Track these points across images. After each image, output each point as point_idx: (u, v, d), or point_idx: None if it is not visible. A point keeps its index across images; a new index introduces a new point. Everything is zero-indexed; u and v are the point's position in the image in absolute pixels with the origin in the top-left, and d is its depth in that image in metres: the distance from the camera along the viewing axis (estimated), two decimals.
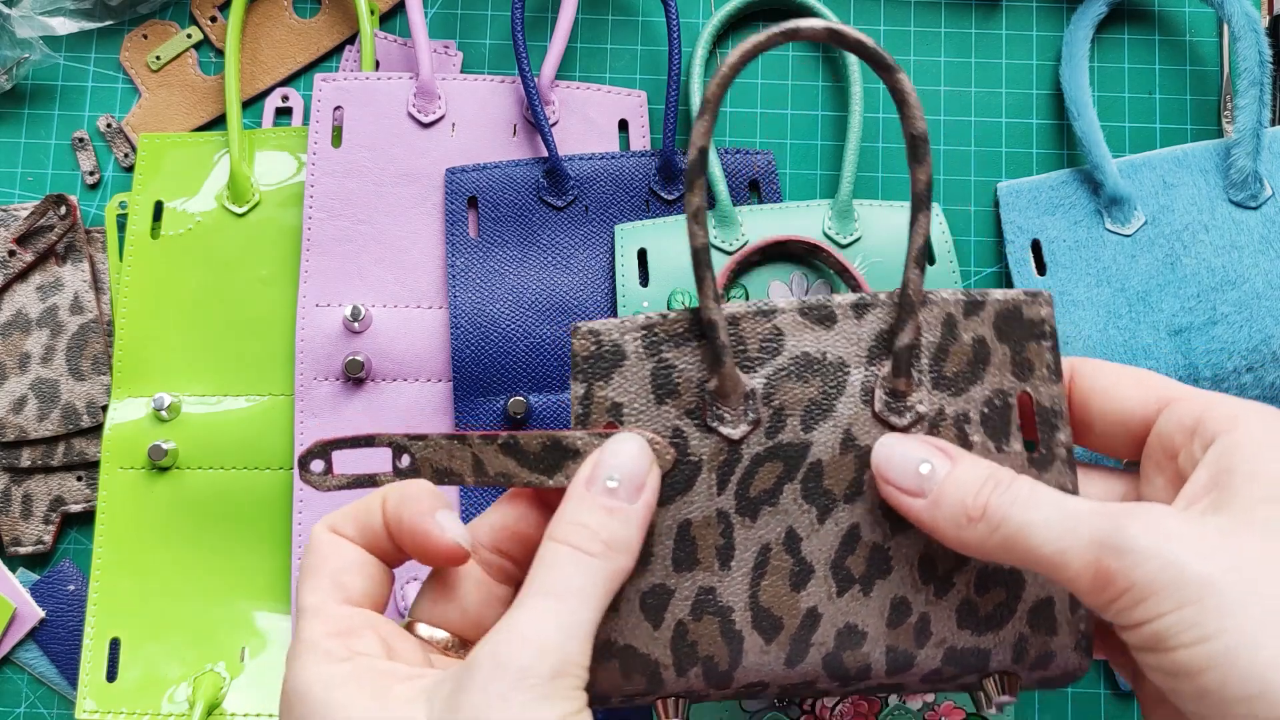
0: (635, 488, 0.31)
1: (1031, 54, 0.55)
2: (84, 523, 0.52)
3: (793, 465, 0.33)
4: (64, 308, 0.52)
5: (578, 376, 0.33)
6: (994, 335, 0.33)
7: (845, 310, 0.33)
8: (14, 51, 0.54)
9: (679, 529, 0.32)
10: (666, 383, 0.33)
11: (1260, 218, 0.50)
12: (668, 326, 0.33)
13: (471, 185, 0.52)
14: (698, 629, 0.32)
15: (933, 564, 0.33)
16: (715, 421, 0.33)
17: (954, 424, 0.33)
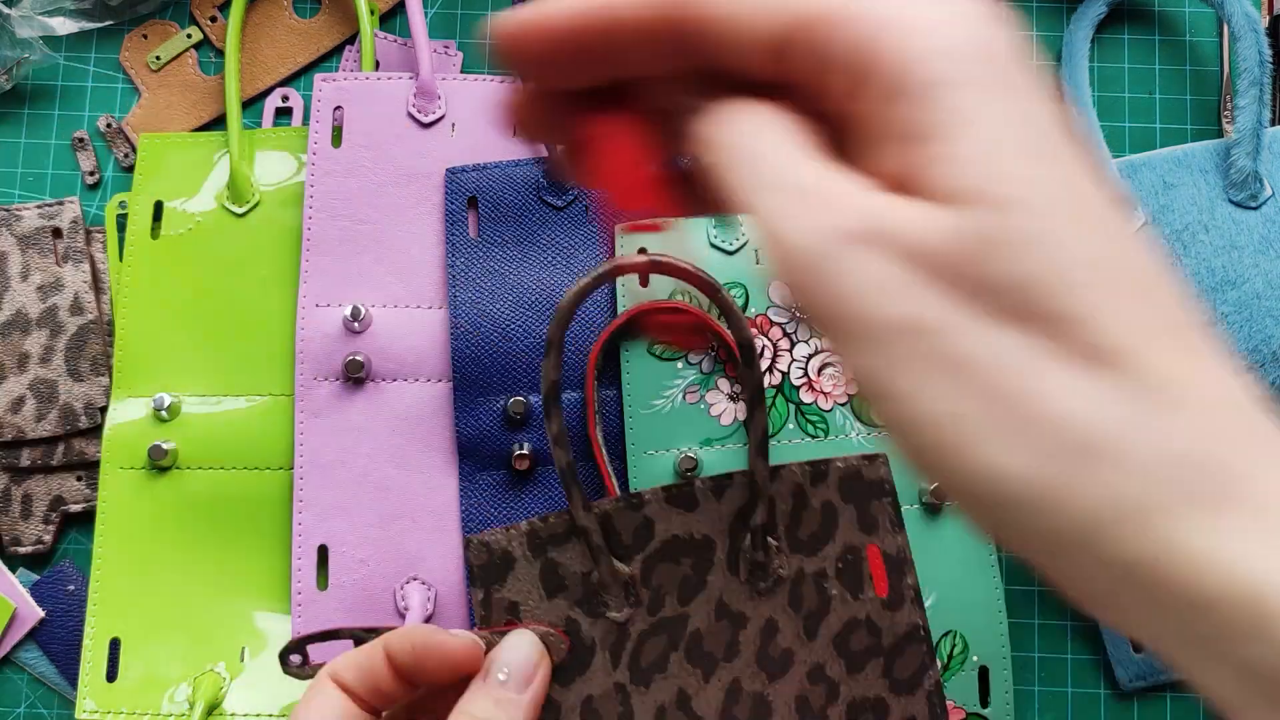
0: (524, 679, 0.35)
1: (1031, 54, 0.55)
2: (84, 523, 0.52)
3: (675, 636, 0.38)
4: (64, 308, 0.52)
5: (475, 584, 0.38)
6: (839, 498, 0.38)
7: (705, 493, 0.38)
8: (14, 51, 0.54)
9: (583, 705, 0.37)
10: (554, 579, 0.38)
11: (1260, 218, 0.50)
12: (548, 530, 0.38)
13: (471, 185, 0.52)
14: None
15: (808, 703, 0.38)
16: (602, 608, 0.38)
17: (813, 580, 0.38)
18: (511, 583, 0.38)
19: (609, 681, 0.37)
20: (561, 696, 0.37)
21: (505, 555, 0.38)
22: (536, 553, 0.38)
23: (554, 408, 0.36)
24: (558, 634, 0.37)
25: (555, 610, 0.37)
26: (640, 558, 0.38)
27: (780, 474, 0.38)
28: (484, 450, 0.50)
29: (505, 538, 0.38)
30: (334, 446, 0.50)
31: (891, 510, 0.38)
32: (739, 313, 0.37)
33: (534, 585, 0.38)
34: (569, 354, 0.50)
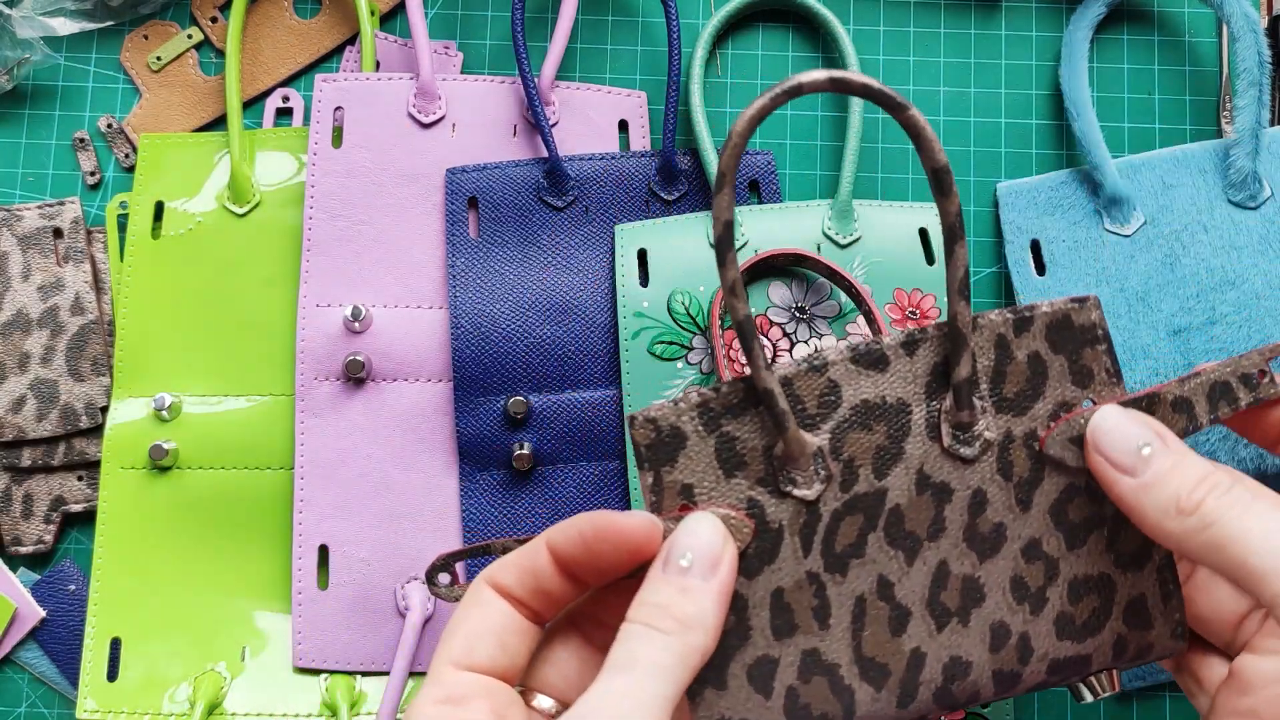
0: (710, 565, 0.31)
1: (1031, 54, 0.55)
2: (84, 522, 0.52)
3: (873, 515, 0.33)
4: (65, 308, 0.52)
5: (644, 466, 0.32)
6: (1048, 348, 0.33)
7: (896, 350, 0.33)
8: (15, 52, 0.54)
9: (773, 598, 0.32)
10: (732, 456, 0.32)
11: (1259, 218, 0.50)
12: (722, 401, 0.32)
13: (472, 186, 0.52)
14: (808, 691, 0.32)
15: (1024, 584, 0.33)
16: (788, 486, 0.32)
17: (1023, 443, 0.33)
18: (684, 462, 0.32)
19: (800, 570, 0.32)
20: (747, 590, 0.32)
21: (675, 431, 0.32)
22: (710, 427, 0.32)
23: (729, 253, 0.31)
24: (740, 517, 0.32)
25: (735, 491, 0.32)
26: (828, 427, 0.32)
27: (978, 323, 0.33)
28: (484, 450, 0.50)
29: (674, 411, 0.32)
30: (334, 446, 0.50)
31: (1107, 359, 0.34)
32: (931, 135, 0.31)
33: (709, 464, 0.32)
34: (573, 354, 0.50)
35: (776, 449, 0.32)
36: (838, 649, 0.32)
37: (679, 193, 0.52)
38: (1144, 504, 0.30)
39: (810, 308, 0.50)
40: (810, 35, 0.55)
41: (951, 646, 0.33)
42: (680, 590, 0.30)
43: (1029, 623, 0.33)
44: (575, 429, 0.50)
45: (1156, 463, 0.30)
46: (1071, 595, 0.33)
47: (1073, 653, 0.33)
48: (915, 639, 0.33)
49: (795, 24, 0.55)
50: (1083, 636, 0.33)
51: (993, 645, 0.33)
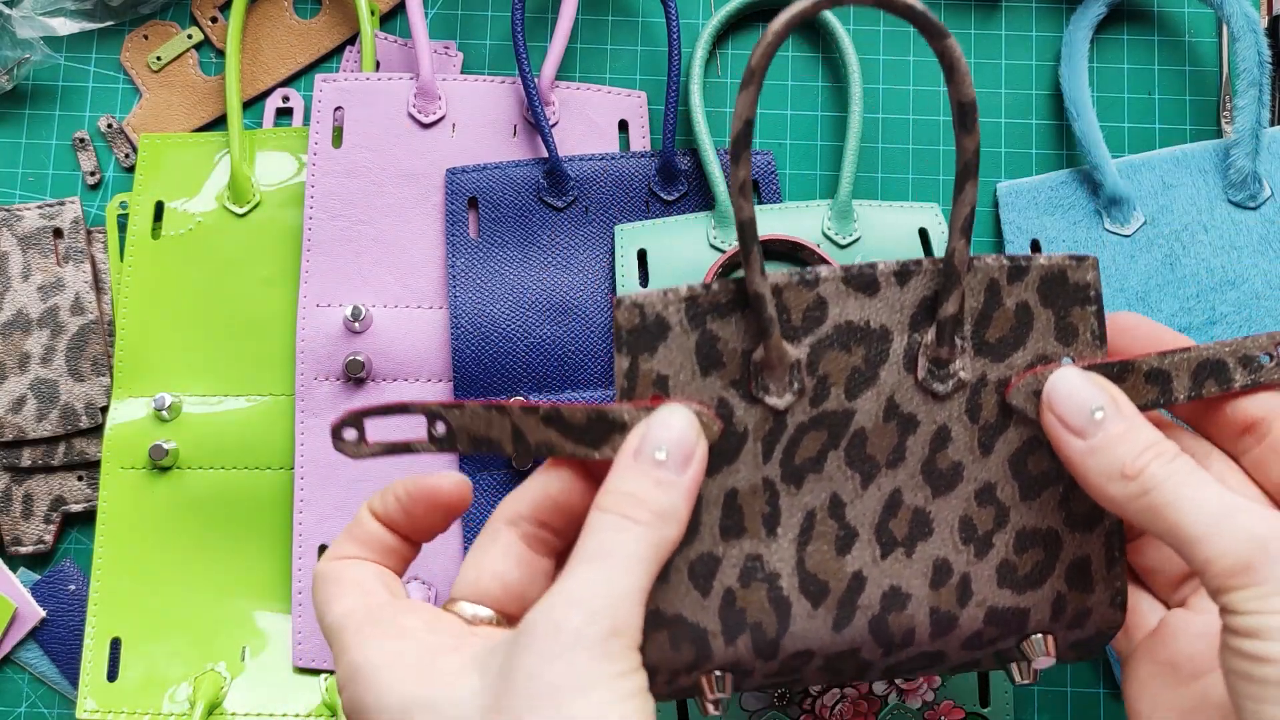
0: (683, 459, 0.31)
1: (1031, 54, 0.55)
2: (85, 522, 0.52)
3: (836, 433, 0.33)
4: (65, 308, 0.52)
5: (622, 349, 0.32)
6: (1038, 300, 0.33)
7: (888, 277, 0.33)
8: (15, 52, 0.54)
9: (726, 498, 0.32)
10: (711, 354, 0.32)
11: (1259, 218, 0.50)
12: (712, 298, 0.32)
13: (472, 186, 0.52)
14: (746, 596, 0.32)
15: (972, 526, 0.33)
16: (761, 392, 0.32)
17: (995, 389, 0.33)
18: (662, 353, 0.32)
19: (757, 476, 0.32)
20: (702, 487, 0.32)
21: (659, 321, 0.32)
22: (695, 322, 0.32)
23: (744, 153, 0.31)
24: (709, 414, 0.32)
25: (709, 389, 0.32)
26: (808, 341, 0.33)
27: (973, 265, 0.33)
28: None
29: (661, 300, 0.32)
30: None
31: (1095, 321, 0.34)
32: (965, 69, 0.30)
33: (688, 358, 0.32)
34: (573, 355, 0.50)
35: (756, 354, 0.32)
36: (781, 559, 0.33)
37: (679, 193, 0.52)
38: (1089, 466, 0.31)
39: None
40: (810, 35, 0.55)
41: (893, 575, 0.33)
42: (655, 483, 0.30)
43: (972, 564, 0.33)
44: None
45: (1107, 427, 0.31)
46: (1018, 545, 0.33)
47: (1011, 603, 0.33)
48: (858, 561, 0.33)
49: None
50: (1023, 588, 0.34)
51: (934, 581, 0.33)
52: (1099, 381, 0.32)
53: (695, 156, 0.52)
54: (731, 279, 0.32)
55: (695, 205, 0.52)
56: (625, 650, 0.28)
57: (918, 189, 0.54)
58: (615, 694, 0.27)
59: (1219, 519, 0.28)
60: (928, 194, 0.54)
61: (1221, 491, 0.29)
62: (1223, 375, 0.33)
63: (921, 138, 0.54)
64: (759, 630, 0.33)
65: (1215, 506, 0.29)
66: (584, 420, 0.32)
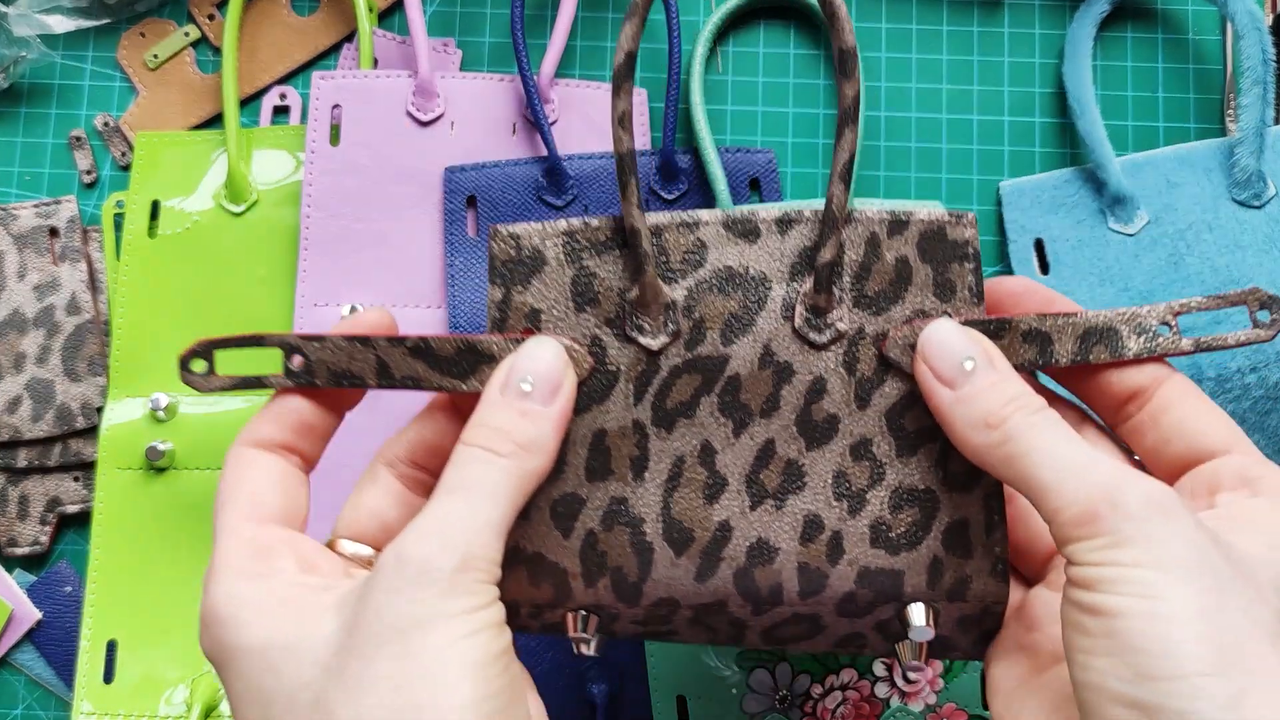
0: (550, 390, 0.31)
1: (1034, 52, 0.54)
2: (81, 524, 0.52)
3: (710, 378, 0.33)
4: (61, 308, 0.52)
5: (496, 280, 0.33)
6: (917, 255, 0.33)
7: (770, 225, 0.33)
8: (11, 50, 0.53)
9: (593, 438, 0.32)
10: (587, 290, 0.33)
11: (1264, 217, 0.50)
12: (590, 234, 0.33)
13: (470, 184, 0.51)
14: (608, 539, 0.32)
15: (846, 481, 0.33)
16: (634, 331, 0.33)
17: (873, 342, 0.33)
18: (537, 286, 0.32)
19: (627, 418, 0.32)
20: (570, 426, 0.32)
21: (535, 254, 0.33)
22: (572, 257, 0.33)
23: (625, 84, 0.32)
24: (580, 350, 0.32)
25: (581, 326, 0.32)
26: (686, 284, 0.33)
27: (854, 217, 0.33)
28: None
29: (539, 233, 0.33)
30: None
31: (973, 278, 0.33)
32: (845, 16, 0.32)
33: (562, 293, 0.32)
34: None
35: (631, 293, 0.32)
36: (646, 503, 0.32)
37: (679, 192, 0.52)
38: (956, 416, 0.31)
39: None
40: (812, 32, 0.55)
41: (761, 527, 0.32)
42: (520, 414, 0.30)
43: (844, 521, 0.33)
44: None
45: (976, 379, 0.31)
46: (892, 503, 0.33)
47: (884, 564, 0.33)
48: (726, 511, 0.32)
49: (796, 21, 0.55)
50: (897, 549, 0.33)
51: (804, 536, 0.32)
52: (972, 334, 0.32)
53: (695, 155, 0.52)
54: (612, 215, 0.33)
55: (695, 204, 0.52)
56: (477, 584, 0.28)
57: (920, 187, 0.54)
58: (464, 628, 0.27)
59: (1070, 469, 0.28)
60: (930, 192, 0.53)
61: (1079, 444, 0.29)
62: (1114, 342, 0.33)
63: (924, 136, 0.54)
64: (619, 574, 0.32)
65: (1068, 457, 0.29)
66: (452, 352, 0.32)
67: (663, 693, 0.47)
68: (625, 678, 0.48)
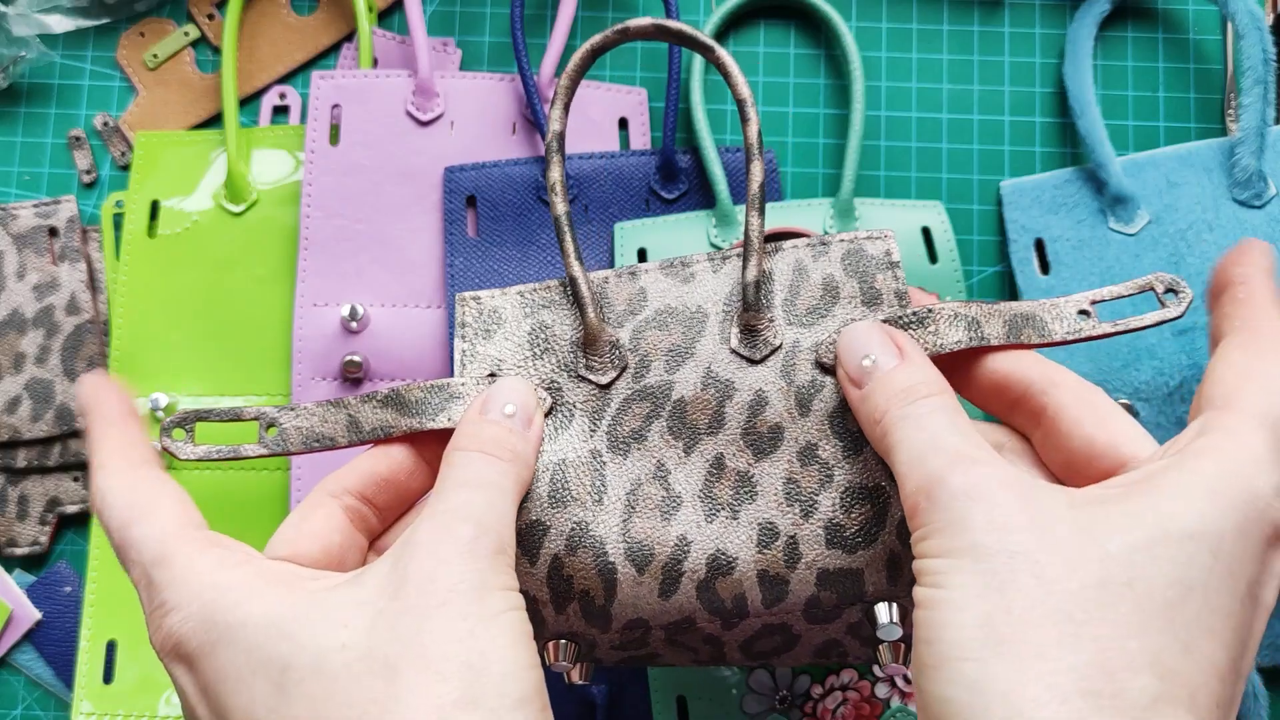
0: (527, 418, 0.33)
1: (1034, 52, 0.54)
2: (80, 524, 0.52)
3: (659, 404, 0.35)
4: (60, 308, 0.52)
5: (463, 336, 0.36)
6: (842, 271, 0.36)
7: (704, 266, 0.37)
8: (10, 50, 0.53)
9: (555, 467, 0.34)
10: (542, 340, 0.36)
11: (1265, 217, 0.50)
12: (542, 293, 0.37)
13: (470, 184, 0.51)
14: (573, 563, 0.33)
15: (797, 486, 0.34)
16: (585, 370, 0.35)
17: (809, 352, 0.35)
18: (499, 339, 0.36)
19: (585, 448, 0.34)
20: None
21: (495, 313, 0.37)
22: (528, 312, 0.37)
23: (555, 157, 0.37)
24: (540, 391, 0.35)
25: (540, 370, 0.36)
26: (631, 325, 0.36)
27: (781, 248, 0.37)
28: None
29: (499, 296, 0.37)
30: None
31: (897, 285, 0.35)
32: (737, 72, 0.36)
33: (521, 344, 0.36)
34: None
35: (579, 336, 0.36)
36: (607, 525, 0.33)
37: (679, 191, 0.52)
38: (860, 415, 0.32)
39: None
40: (812, 32, 0.55)
41: (719, 539, 0.33)
42: (509, 430, 0.32)
43: (798, 525, 0.33)
44: None
45: (875, 375, 0.31)
46: (844, 503, 0.33)
47: (843, 564, 0.33)
48: (683, 526, 0.33)
49: (797, 21, 0.55)
50: (854, 548, 0.33)
51: (760, 542, 0.33)
52: (877, 330, 0.33)
53: (696, 154, 0.52)
54: (560, 280, 0.37)
55: (696, 203, 0.52)
56: (509, 568, 0.29)
57: (920, 187, 0.53)
58: (507, 603, 0.28)
59: (913, 460, 0.28)
60: (930, 192, 0.53)
61: (936, 433, 0.29)
62: (1040, 326, 0.34)
63: (924, 135, 0.54)
64: (587, 598, 0.33)
65: (917, 447, 0.28)
66: (422, 395, 0.34)
67: (663, 693, 0.47)
68: (625, 678, 0.48)
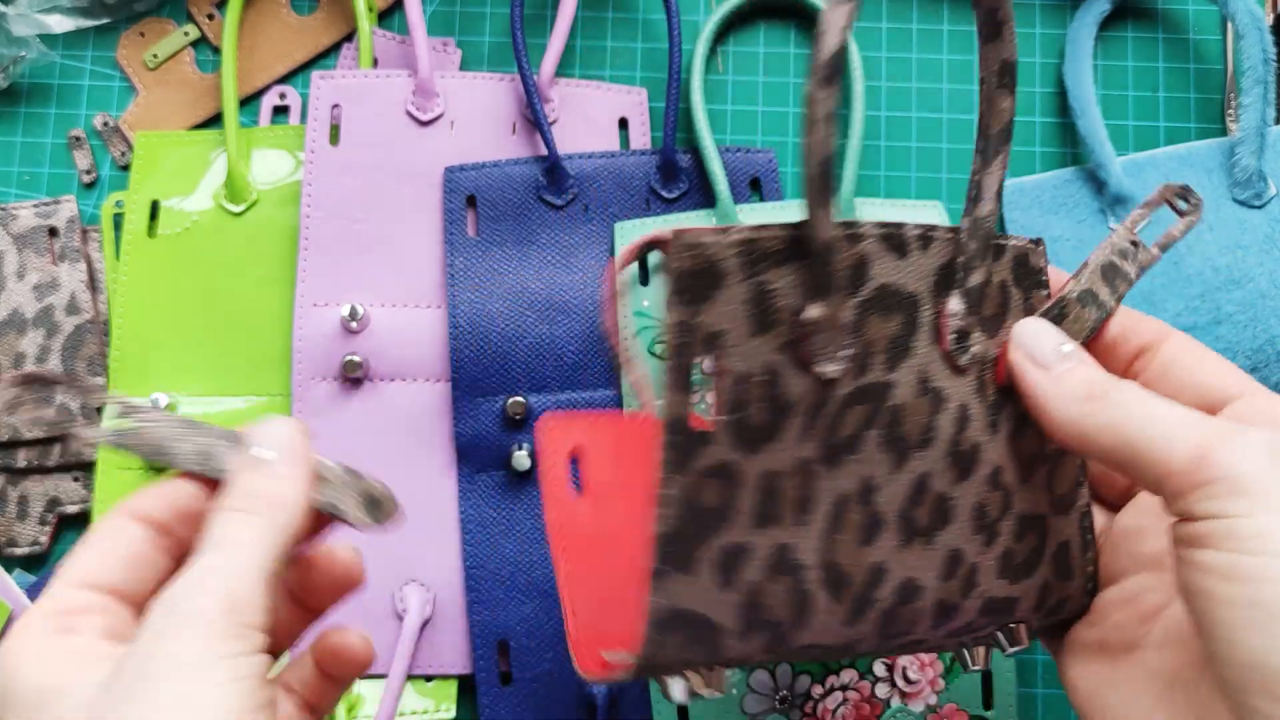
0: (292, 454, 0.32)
1: (1035, 52, 0.54)
2: (80, 524, 0.52)
3: (876, 409, 0.29)
4: (60, 308, 0.52)
5: (675, 299, 0.27)
6: (1012, 280, 0.33)
7: (913, 240, 0.30)
8: (10, 50, 0.53)
9: (764, 480, 0.28)
10: (763, 309, 0.27)
11: (1265, 217, 0.50)
12: (766, 242, 0.27)
13: (470, 184, 0.51)
14: (771, 592, 0.29)
15: (984, 512, 0.31)
16: (812, 358, 0.28)
17: (992, 365, 0.32)
18: (716, 306, 0.27)
19: (796, 456, 0.28)
20: (744, 466, 0.28)
21: (713, 268, 0.27)
22: (748, 271, 0.27)
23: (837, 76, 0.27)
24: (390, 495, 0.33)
25: (758, 353, 0.27)
26: (854, 303, 0.29)
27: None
28: (482, 451, 0.49)
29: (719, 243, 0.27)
30: (331, 447, 0.50)
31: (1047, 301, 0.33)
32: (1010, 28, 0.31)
33: (740, 313, 0.27)
34: (572, 355, 0.50)
35: (810, 313, 0.28)
36: (808, 549, 0.29)
37: (679, 191, 0.52)
38: (1053, 392, 0.31)
39: None
40: (812, 32, 0.55)
41: (910, 567, 0.30)
42: (269, 477, 0.32)
43: (980, 554, 0.31)
44: None
45: (1074, 358, 0.31)
46: (1017, 532, 0.31)
47: (1006, 593, 0.31)
48: (881, 552, 0.30)
49: (797, 21, 0.55)
50: (1018, 577, 0.32)
51: (945, 573, 0.30)
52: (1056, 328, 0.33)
53: (696, 154, 0.52)
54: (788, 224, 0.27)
55: (696, 203, 0.52)
56: (243, 629, 0.28)
57: (920, 187, 0.53)
58: (227, 674, 0.27)
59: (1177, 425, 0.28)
60: (931, 192, 0.53)
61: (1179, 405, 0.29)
62: (1121, 273, 0.34)
63: (924, 135, 0.54)
64: (776, 628, 0.29)
65: (1175, 415, 0.29)
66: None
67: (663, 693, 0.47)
68: None
